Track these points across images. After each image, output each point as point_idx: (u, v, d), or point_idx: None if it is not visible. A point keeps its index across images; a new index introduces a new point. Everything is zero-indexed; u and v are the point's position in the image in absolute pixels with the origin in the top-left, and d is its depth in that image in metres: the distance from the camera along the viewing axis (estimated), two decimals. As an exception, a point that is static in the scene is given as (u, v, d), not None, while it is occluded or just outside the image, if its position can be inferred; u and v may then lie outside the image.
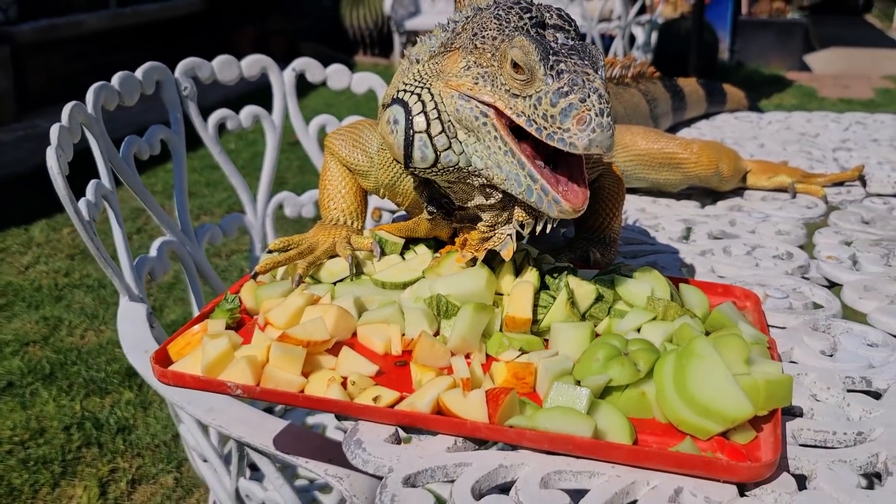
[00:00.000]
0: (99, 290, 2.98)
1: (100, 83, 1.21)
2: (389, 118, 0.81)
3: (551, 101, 0.71)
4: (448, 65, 0.80)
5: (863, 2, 11.92)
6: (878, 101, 6.01)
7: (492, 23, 0.77)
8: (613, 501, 0.60)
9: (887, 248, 1.11)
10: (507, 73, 0.74)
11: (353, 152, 0.99)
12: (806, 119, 2.00)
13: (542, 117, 0.72)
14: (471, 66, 0.77)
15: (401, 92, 0.81)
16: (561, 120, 0.70)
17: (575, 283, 0.81)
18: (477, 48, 0.77)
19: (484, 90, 0.76)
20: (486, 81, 0.76)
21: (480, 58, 0.77)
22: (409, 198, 0.96)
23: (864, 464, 0.65)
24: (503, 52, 0.75)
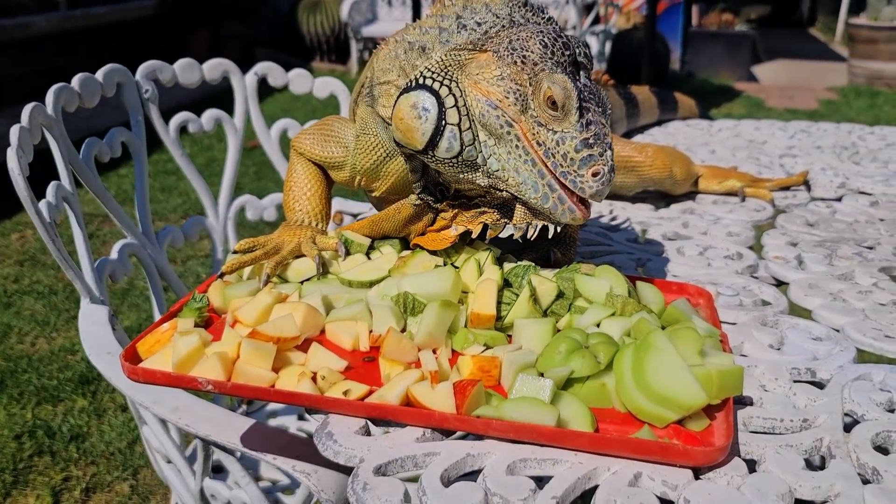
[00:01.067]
0: (50, 296, 2.92)
1: (60, 84, 1.20)
2: (416, 103, 0.81)
3: (575, 147, 0.78)
4: (477, 65, 0.82)
5: (807, 16, 12.31)
6: (822, 112, 6.21)
7: (536, 46, 0.80)
8: (576, 487, 0.63)
9: (830, 249, 1.16)
10: (541, 103, 0.79)
11: (326, 146, 1.00)
12: (754, 127, 2.07)
13: (561, 156, 0.78)
14: (504, 79, 0.80)
15: (427, 79, 0.82)
16: (579, 166, 0.78)
17: (537, 280, 0.84)
18: (515, 64, 0.80)
19: (513, 108, 0.80)
20: (517, 100, 0.80)
21: (516, 75, 0.80)
22: (390, 181, 0.97)
23: (809, 448, 0.69)
24: (541, 81, 0.79)
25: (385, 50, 0.94)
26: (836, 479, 0.64)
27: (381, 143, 0.95)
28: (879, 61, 7.14)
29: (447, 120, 0.81)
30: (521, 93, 0.80)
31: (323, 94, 1.63)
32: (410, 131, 0.82)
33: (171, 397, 0.89)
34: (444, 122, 0.81)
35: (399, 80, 0.89)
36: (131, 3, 6.73)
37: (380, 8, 7.97)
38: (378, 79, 0.94)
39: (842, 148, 1.82)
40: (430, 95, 0.81)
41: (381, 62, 0.94)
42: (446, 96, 0.81)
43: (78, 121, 1.71)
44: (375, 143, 0.95)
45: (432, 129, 0.81)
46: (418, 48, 0.87)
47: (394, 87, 0.90)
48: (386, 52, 0.94)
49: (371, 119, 0.95)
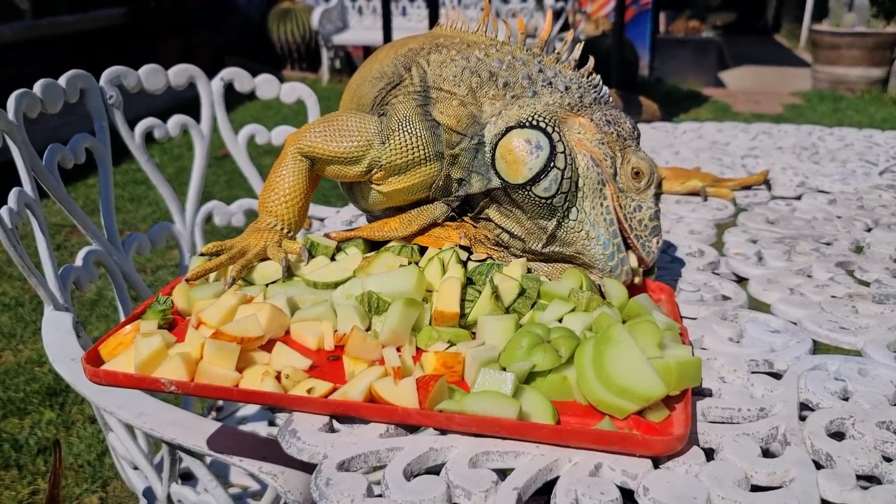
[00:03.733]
0: (16, 308, 2.88)
1: (21, 90, 1.19)
2: (531, 140, 0.88)
3: (650, 216, 0.91)
4: (576, 125, 0.90)
5: (772, 22, 12.53)
6: (787, 116, 6.33)
7: (626, 124, 0.92)
8: (537, 478, 0.64)
9: (789, 245, 1.19)
10: (627, 173, 0.90)
11: (342, 141, 0.97)
12: (717, 129, 2.10)
13: (637, 221, 0.90)
14: (604, 144, 0.90)
15: (541, 122, 0.89)
16: (650, 233, 0.91)
17: (499, 278, 0.85)
18: (611, 135, 0.90)
19: (608, 170, 0.90)
20: (612, 164, 0.90)
21: (612, 144, 0.90)
22: (412, 181, 0.97)
23: (766, 436, 0.70)
24: (628, 154, 0.90)
25: (442, 57, 0.97)
26: (791, 465, 0.65)
27: (424, 144, 0.95)
28: (842, 66, 7.30)
29: (556, 163, 0.87)
30: (614, 160, 0.90)
31: (290, 100, 1.63)
32: (518, 163, 0.88)
33: (136, 402, 0.89)
34: (553, 165, 0.87)
35: (467, 98, 0.94)
36: (99, 11, 6.67)
37: (350, 16, 7.98)
38: (438, 84, 0.96)
39: (802, 148, 1.86)
40: (544, 137, 0.88)
41: (440, 68, 0.96)
42: (557, 142, 0.88)
43: (46, 130, 1.70)
44: (417, 143, 0.95)
45: (540, 167, 0.87)
46: (498, 82, 0.93)
47: (457, 100, 0.94)
48: (444, 60, 0.97)
49: (417, 118, 0.96)
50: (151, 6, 7.18)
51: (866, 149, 1.86)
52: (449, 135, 0.94)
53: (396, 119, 0.96)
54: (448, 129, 0.94)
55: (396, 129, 0.95)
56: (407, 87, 0.98)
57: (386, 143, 0.96)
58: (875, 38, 7.13)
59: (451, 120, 0.94)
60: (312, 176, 1.01)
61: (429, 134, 0.95)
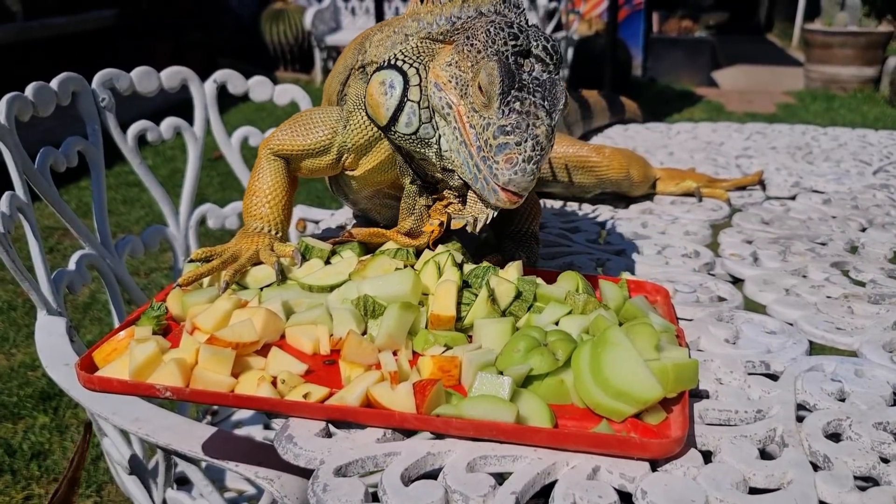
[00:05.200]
0: (9, 312, 2.86)
1: (13, 93, 1.18)
2: (385, 80, 0.87)
3: (493, 133, 0.79)
4: (440, 54, 0.87)
5: (764, 22, 12.57)
6: (780, 115, 6.34)
7: (481, 35, 0.83)
8: (535, 482, 0.63)
9: (784, 246, 1.19)
10: (474, 89, 0.82)
11: (308, 134, 0.99)
12: (711, 129, 2.11)
13: (484, 141, 0.80)
14: (451, 65, 0.85)
15: (399, 61, 0.87)
16: (495, 152, 0.79)
17: (495, 281, 0.85)
18: (461, 52, 0.84)
19: (453, 92, 0.84)
20: (458, 85, 0.84)
21: (461, 62, 0.84)
22: (379, 158, 0.97)
23: (763, 438, 0.70)
24: (478, 69, 0.81)
25: (381, 35, 0.97)
26: (789, 467, 0.65)
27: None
28: (834, 65, 7.32)
29: (409, 97, 0.86)
30: (463, 79, 0.83)
31: (283, 102, 1.62)
32: (377, 106, 0.87)
33: (131, 407, 0.88)
34: (406, 99, 0.86)
35: None
36: (90, 13, 6.64)
37: (343, 17, 7.97)
38: (374, 59, 0.96)
39: (796, 148, 1.87)
40: (398, 74, 0.86)
41: (377, 47, 0.96)
42: (412, 76, 0.86)
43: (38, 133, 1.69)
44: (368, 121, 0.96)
45: (395, 104, 0.86)
46: (403, 35, 0.91)
47: None
48: (382, 37, 0.96)
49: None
50: (143, 7, 7.16)
51: (860, 148, 1.86)
52: None
53: (350, 101, 0.98)
54: None
55: (353, 109, 0.97)
56: (356, 72, 1.00)
57: (347, 125, 0.98)
58: (867, 37, 7.16)
59: None
60: (290, 175, 1.03)
61: None
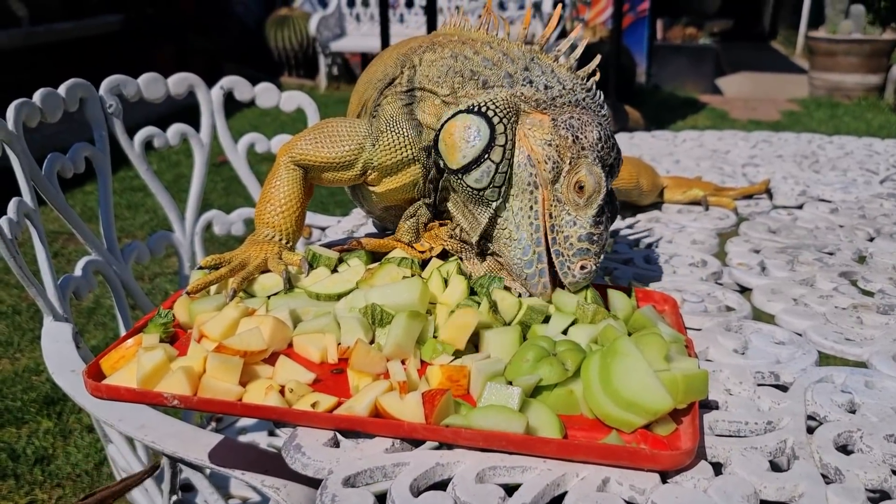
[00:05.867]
0: (14, 316, 2.87)
1: (21, 100, 1.18)
2: (471, 126, 0.85)
3: (580, 236, 0.83)
4: (531, 120, 0.86)
5: (768, 29, 12.57)
6: (784, 123, 6.34)
7: (592, 134, 0.84)
8: (545, 493, 0.63)
9: (792, 255, 1.19)
10: (571, 183, 0.83)
11: (334, 147, 0.97)
12: (717, 137, 2.11)
13: (564, 237, 0.83)
14: (550, 146, 0.84)
15: (489, 111, 0.85)
16: (573, 254, 0.83)
17: (499, 295, 0.84)
18: (567, 139, 0.84)
19: (545, 174, 0.83)
20: (553, 169, 0.84)
21: (562, 148, 0.83)
22: (404, 180, 0.97)
23: (774, 449, 0.70)
24: (580, 165, 0.83)
25: (433, 56, 0.96)
26: (800, 480, 0.65)
27: (410, 144, 0.96)
28: (838, 73, 7.32)
29: (491, 156, 0.84)
30: (559, 166, 0.83)
31: (290, 108, 1.63)
32: (454, 149, 0.85)
33: (136, 414, 0.88)
34: (487, 156, 0.84)
35: (449, 98, 0.92)
36: (96, 18, 6.66)
37: (348, 23, 7.99)
38: (423, 84, 0.95)
39: (802, 157, 1.86)
40: (486, 126, 0.84)
41: (429, 69, 0.95)
42: (499, 134, 0.84)
43: (44, 138, 1.69)
44: (404, 142, 0.95)
45: (474, 156, 0.84)
46: (479, 80, 0.90)
47: (439, 100, 0.93)
48: (435, 59, 0.95)
49: (403, 118, 0.96)
50: (148, 13, 7.18)
51: (866, 157, 1.86)
52: (429, 133, 0.94)
53: (384, 120, 0.97)
54: (430, 129, 0.94)
55: (385, 129, 0.96)
56: (396, 87, 0.99)
57: (376, 144, 0.96)
58: (871, 45, 7.16)
59: (433, 119, 0.93)
60: (307, 185, 1.01)
61: (415, 133, 0.95)
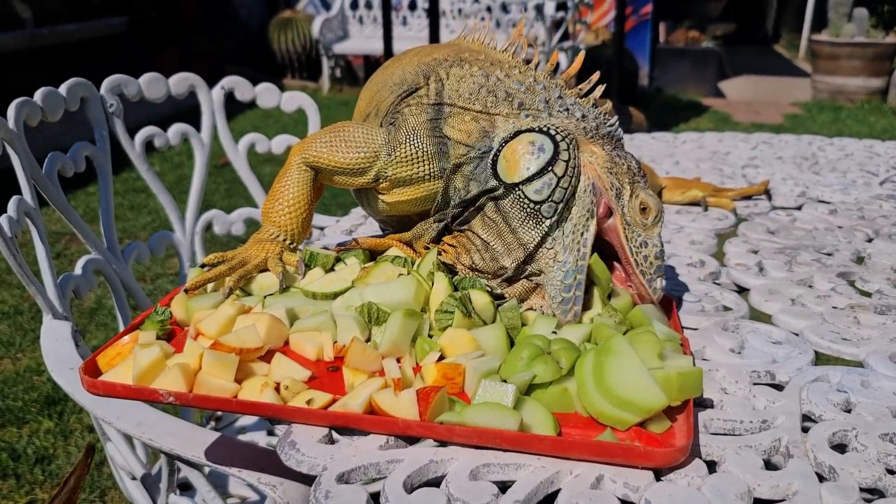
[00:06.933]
0: (15, 316, 2.87)
1: (22, 98, 1.19)
2: (536, 142, 0.85)
3: (656, 254, 0.88)
4: (589, 149, 0.88)
5: (771, 33, 12.56)
6: (787, 126, 6.33)
7: (633, 162, 0.90)
8: (539, 490, 0.63)
9: (790, 256, 1.19)
10: (635, 207, 0.87)
11: (348, 152, 0.96)
12: (718, 139, 2.11)
13: (643, 258, 0.87)
14: (612, 173, 0.87)
15: (552, 130, 0.86)
16: (655, 271, 0.88)
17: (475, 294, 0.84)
18: (622, 168, 0.88)
19: (611, 200, 0.87)
20: (616, 196, 0.87)
21: (620, 175, 0.88)
22: (417, 194, 0.96)
23: (768, 448, 0.70)
24: (637, 190, 0.88)
25: (462, 72, 0.96)
26: (794, 478, 0.65)
27: (428, 159, 0.94)
28: (841, 76, 7.32)
29: (554, 169, 0.84)
30: (621, 192, 0.87)
31: (290, 109, 1.63)
32: (517, 162, 0.85)
33: (134, 412, 0.88)
34: (551, 168, 0.84)
35: (481, 115, 0.92)
36: (99, 20, 6.68)
37: (351, 26, 8.00)
38: (453, 100, 0.95)
39: (802, 158, 1.86)
40: (551, 142, 0.85)
41: (457, 83, 0.95)
42: (563, 150, 0.85)
43: (46, 138, 1.70)
44: (422, 157, 0.94)
45: (538, 168, 0.84)
46: (514, 102, 0.91)
47: (470, 115, 0.93)
48: (464, 75, 0.95)
49: (425, 132, 0.95)
50: (151, 15, 7.20)
51: (867, 159, 1.86)
52: (456, 148, 0.93)
53: (404, 131, 0.95)
54: (457, 143, 0.93)
55: (403, 141, 0.95)
56: (421, 98, 0.97)
57: (392, 154, 0.95)
58: (874, 49, 7.15)
59: (462, 135, 0.92)
60: (317, 186, 1.00)
61: (435, 150, 0.94)
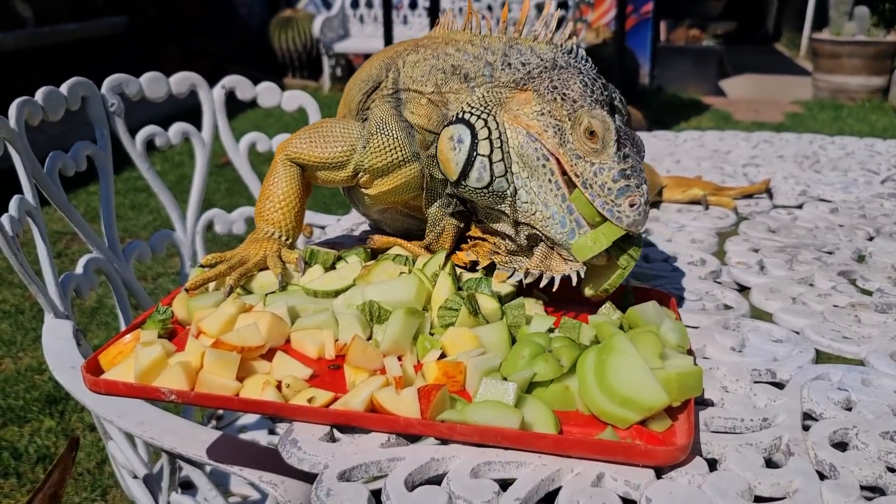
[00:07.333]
0: (16, 315, 2.87)
1: (23, 98, 1.19)
2: (453, 136, 0.85)
3: (613, 177, 0.80)
4: (517, 101, 0.86)
5: (772, 31, 12.55)
6: (788, 125, 6.32)
7: (576, 85, 0.84)
8: (540, 488, 0.63)
9: (791, 254, 1.19)
10: (580, 136, 0.81)
11: (326, 147, 0.99)
12: (718, 138, 2.11)
13: (599, 186, 0.80)
14: (544, 114, 0.84)
15: (466, 114, 0.86)
16: (616, 196, 0.80)
17: (483, 299, 0.85)
18: (555, 101, 0.83)
19: (551, 140, 0.83)
20: (555, 133, 0.83)
21: (555, 111, 0.83)
22: (397, 182, 0.97)
23: (769, 446, 0.70)
24: (580, 116, 0.81)
25: (416, 57, 0.96)
26: (795, 476, 0.65)
27: (400, 146, 0.96)
28: (842, 75, 7.31)
29: (478, 151, 0.84)
30: (560, 127, 0.83)
31: (291, 108, 1.63)
32: (447, 162, 0.86)
33: (136, 411, 0.88)
34: (476, 154, 0.84)
35: (433, 95, 0.93)
36: (100, 20, 6.68)
37: (352, 24, 8.00)
38: (407, 85, 0.96)
39: (803, 157, 1.86)
40: (465, 128, 0.85)
41: (412, 69, 0.96)
42: (481, 129, 0.85)
43: (47, 137, 1.70)
44: (393, 144, 0.96)
45: (464, 159, 0.84)
46: (461, 74, 0.91)
47: (425, 99, 0.93)
48: (418, 60, 0.96)
49: (392, 120, 0.97)
50: (152, 15, 7.20)
51: (868, 157, 1.86)
52: (422, 134, 0.94)
53: (374, 122, 0.98)
54: (421, 129, 0.94)
55: (375, 132, 0.97)
56: (383, 91, 0.99)
57: (366, 146, 0.97)
58: (875, 47, 7.14)
59: (423, 119, 0.94)
60: (305, 181, 1.02)
61: (404, 135, 0.96)
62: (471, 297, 0.82)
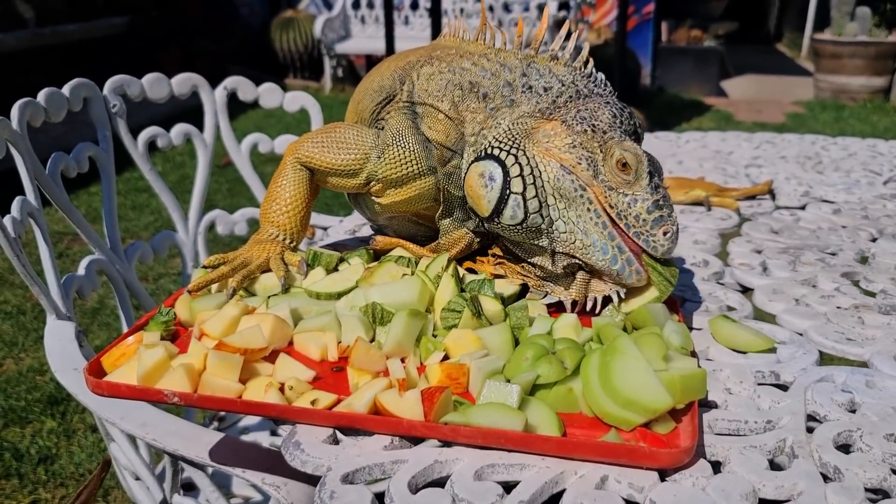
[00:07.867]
0: (18, 316, 2.88)
1: (25, 99, 1.19)
2: (483, 173, 0.85)
3: (647, 208, 0.82)
4: (544, 132, 0.86)
5: (774, 32, 12.54)
6: (789, 125, 6.32)
7: (605, 115, 0.85)
8: (543, 491, 0.63)
9: (794, 255, 1.19)
10: (612, 168, 0.83)
11: (339, 153, 0.97)
12: (721, 138, 2.10)
13: (633, 217, 0.82)
14: (576, 146, 0.84)
15: (494, 149, 0.86)
16: (651, 226, 0.82)
17: (486, 301, 0.85)
18: (586, 133, 0.84)
19: (585, 173, 0.83)
20: (588, 165, 0.84)
21: (586, 142, 0.84)
22: (410, 194, 0.97)
23: (773, 448, 0.70)
24: (611, 147, 0.83)
25: (431, 70, 0.96)
26: (799, 479, 0.65)
27: (416, 159, 0.95)
28: (844, 75, 7.30)
29: (511, 189, 0.84)
30: (593, 159, 0.83)
31: (293, 109, 1.63)
32: (478, 199, 0.86)
33: (138, 412, 0.88)
34: (509, 192, 0.84)
35: (451, 112, 0.92)
36: (101, 20, 6.69)
37: (353, 25, 8.00)
38: (423, 98, 0.95)
39: (805, 158, 1.86)
40: (496, 165, 0.85)
41: (427, 82, 0.95)
42: (512, 165, 0.85)
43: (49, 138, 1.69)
44: (410, 157, 0.95)
45: (497, 197, 0.85)
46: (479, 94, 0.90)
47: (442, 115, 0.93)
48: (433, 73, 0.95)
49: (409, 133, 0.96)
50: (153, 15, 7.21)
51: (870, 158, 1.85)
52: (440, 150, 0.94)
53: (390, 133, 0.96)
54: (438, 145, 0.93)
55: (391, 143, 0.96)
56: (398, 102, 0.98)
57: (381, 157, 0.96)
58: (877, 48, 7.14)
59: (440, 135, 0.93)
60: (313, 185, 1.01)
61: (421, 148, 0.95)
62: (474, 298, 0.82)
